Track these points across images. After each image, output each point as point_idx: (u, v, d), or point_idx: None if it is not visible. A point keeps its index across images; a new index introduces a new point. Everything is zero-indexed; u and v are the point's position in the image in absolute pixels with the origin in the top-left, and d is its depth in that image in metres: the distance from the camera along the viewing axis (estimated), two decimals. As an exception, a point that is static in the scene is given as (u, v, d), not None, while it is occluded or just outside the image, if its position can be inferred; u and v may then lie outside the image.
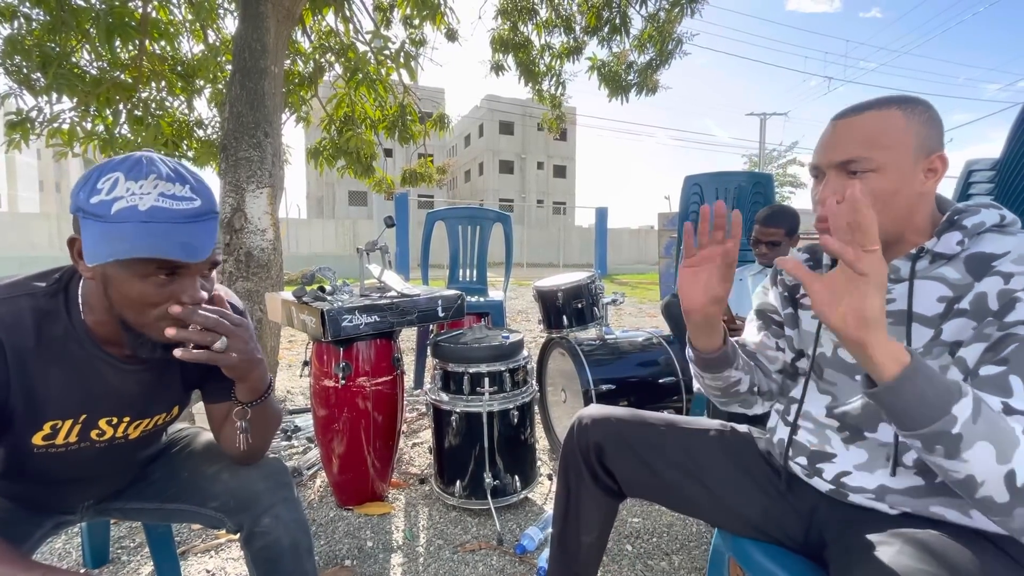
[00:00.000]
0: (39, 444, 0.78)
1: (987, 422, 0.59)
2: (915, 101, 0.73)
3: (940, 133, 0.73)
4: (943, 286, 0.71)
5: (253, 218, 2.49)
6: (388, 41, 3.35)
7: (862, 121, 0.73)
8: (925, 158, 0.72)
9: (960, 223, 0.72)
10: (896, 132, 0.71)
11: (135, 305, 0.71)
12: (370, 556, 1.51)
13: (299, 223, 17.31)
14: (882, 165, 0.71)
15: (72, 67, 3.12)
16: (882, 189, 0.71)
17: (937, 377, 0.60)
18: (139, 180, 0.68)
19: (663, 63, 4.56)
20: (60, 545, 1.55)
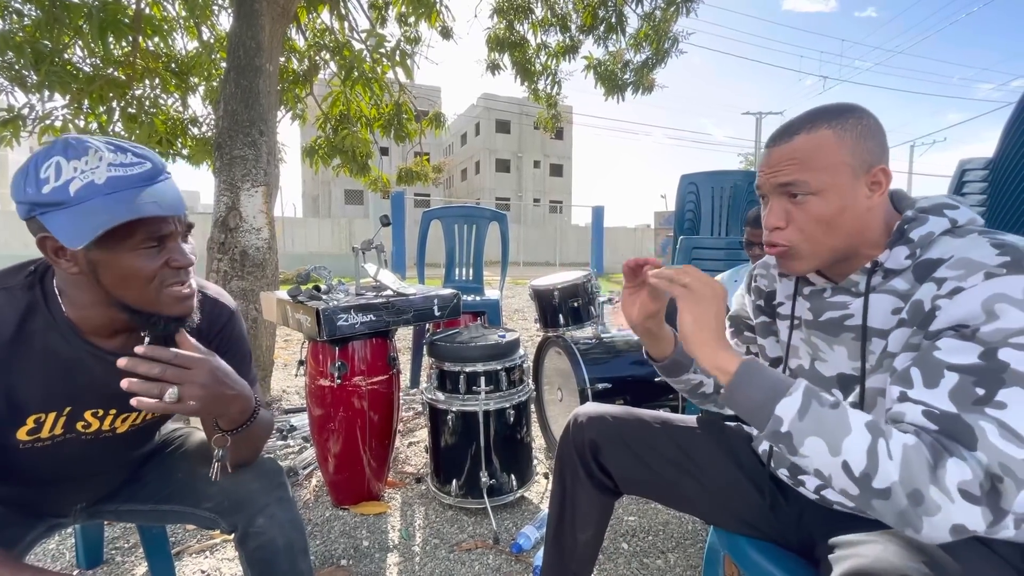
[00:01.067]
0: (24, 440, 0.78)
1: (814, 418, 0.61)
2: (847, 114, 0.71)
3: (879, 144, 0.71)
4: (894, 298, 0.71)
5: (248, 217, 2.48)
6: (383, 39, 3.35)
7: (794, 145, 0.72)
8: (866, 173, 0.70)
9: (908, 236, 0.70)
10: (829, 153, 0.70)
11: (133, 282, 0.71)
12: (366, 556, 1.51)
13: (295, 222, 17.25)
14: (820, 188, 0.70)
15: (65, 64, 3.10)
16: (825, 212, 0.71)
17: (767, 380, 0.66)
18: (81, 157, 0.67)
19: (659, 62, 4.57)
20: (54, 546, 1.53)
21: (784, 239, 0.74)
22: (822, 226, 0.71)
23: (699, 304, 0.73)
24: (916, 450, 0.57)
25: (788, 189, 0.72)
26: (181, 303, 0.76)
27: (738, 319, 1.02)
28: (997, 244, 0.62)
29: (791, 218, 0.73)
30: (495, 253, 3.41)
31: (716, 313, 0.73)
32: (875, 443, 0.58)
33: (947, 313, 0.61)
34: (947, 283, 0.63)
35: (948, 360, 0.59)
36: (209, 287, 0.95)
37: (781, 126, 0.76)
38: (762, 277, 0.96)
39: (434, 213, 3.20)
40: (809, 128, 0.71)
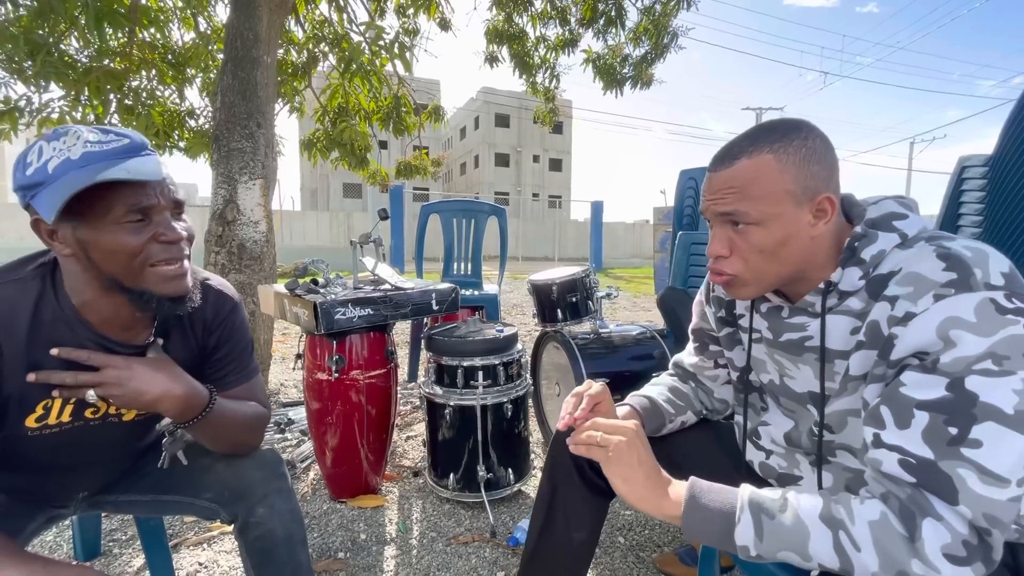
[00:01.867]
0: (32, 427, 0.78)
1: (772, 534, 0.61)
2: (790, 136, 0.67)
3: (826, 168, 0.67)
4: (851, 318, 0.69)
5: (246, 210, 2.47)
6: (382, 31, 3.32)
7: (734, 172, 0.69)
8: (809, 201, 0.66)
9: (859, 256, 0.67)
10: (770, 181, 0.66)
11: (120, 259, 0.71)
12: (363, 548, 1.51)
13: (293, 215, 17.21)
14: (762, 218, 0.67)
15: (61, 55, 3.07)
16: (767, 242, 0.68)
17: (713, 512, 0.65)
18: (60, 138, 0.69)
19: (658, 56, 4.55)
20: (51, 538, 1.54)
21: (728, 268, 0.72)
22: (765, 256, 0.69)
23: (620, 462, 0.73)
24: (884, 527, 0.56)
25: (729, 218, 0.70)
26: (172, 281, 0.75)
27: (701, 332, 1.00)
28: (942, 255, 0.60)
29: (734, 246, 0.71)
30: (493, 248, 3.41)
31: (639, 461, 0.73)
32: (837, 538, 0.58)
33: (904, 342, 0.59)
34: (899, 303, 0.61)
35: (916, 397, 0.57)
36: (213, 278, 0.95)
37: (723, 148, 0.72)
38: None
39: (433, 207, 3.19)
40: (751, 152, 0.68)
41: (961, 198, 1.60)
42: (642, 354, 2.05)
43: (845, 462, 0.75)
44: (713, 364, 1.00)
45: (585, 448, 0.77)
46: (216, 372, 0.93)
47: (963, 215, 1.60)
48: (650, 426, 0.93)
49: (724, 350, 0.95)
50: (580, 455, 0.78)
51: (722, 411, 1.03)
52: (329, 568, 1.41)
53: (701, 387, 1.02)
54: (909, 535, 0.54)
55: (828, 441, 0.76)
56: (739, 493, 0.66)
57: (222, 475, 0.92)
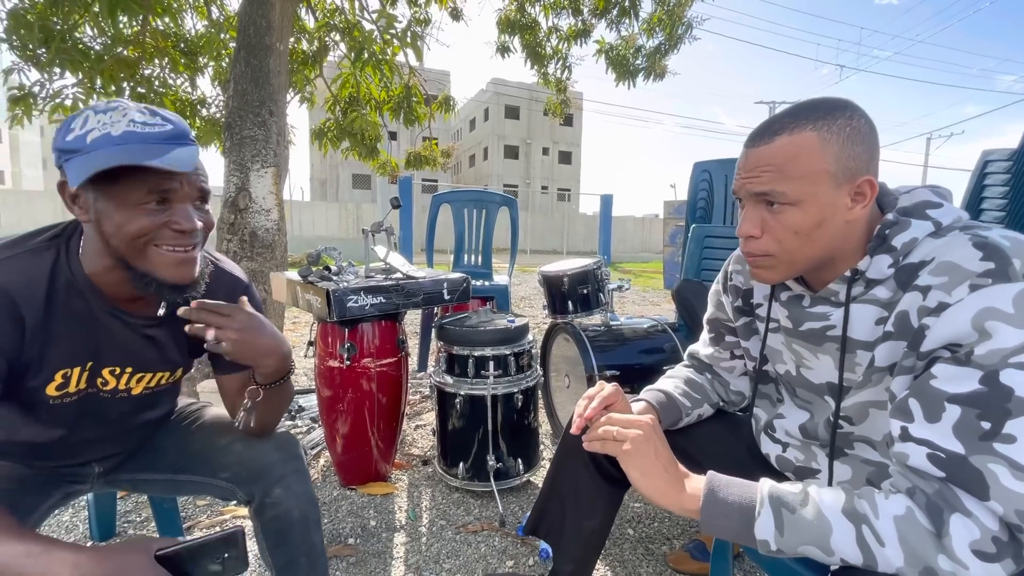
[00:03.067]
0: (53, 395, 0.79)
1: (793, 528, 0.60)
2: (835, 113, 0.64)
3: (869, 149, 0.65)
4: (877, 308, 0.67)
5: (258, 198, 2.48)
6: (394, 20, 3.31)
7: (773, 150, 0.66)
8: (849, 183, 0.64)
9: (890, 243, 0.65)
10: (811, 160, 0.64)
11: (129, 238, 0.71)
12: (373, 535, 1.53)
13: (302, 205, 17.28)
14: (799, 199, 0.65)
15: (75, 42, 3.08)
16: (802, 223, 0.66)
17: (733, 506, 0.65)
18: (108, 112, 0.70)
19: (672, 48, 4.49)
20: (67, 518, 1.56)
21: (759, 249, 0.70)
22: (799, 237, 0.67)
23: (638, 455, 0.72)
24: (909, 522, 0.55)
25: (765, 198, 0.68)
26: (176, 268, 0.75)
27: (717, 322, 0.99)
28: (979, 244, 0.58)
29: (766, 227, 0.69)
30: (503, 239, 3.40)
31: (656, 453, 0.73)
32: (860, 533, 0.57)
33: (936, 332, 0.57)
34: (931, 293, 0.58)
35: (948, 390, 0.55)
36: (225, 260, 0.96)
37: (762, 124, 0.70)
38: (737, 274, 0.92)
39: (444, 197, 3.18)
40: (792, 128, 0.65)
41: (983, 192, 1.57)
42: (653, 347, 2.04)
43: (864, 454, 0.74)
44: (729, 355, 0.99)
45: (600, 444, 0.77)
46: None
47: (985, 210, 1.57)
48: (666, 420, 0.92)
49: (741, 340, 0.94)
50: (596, 451, 0.78)
51: (738, 403, 1.02)
52: (339, 554, 1.43)
53: (717, 378, 1.02)
54: (936, 531, 0.53)
55: (847, 433, 0.75)
56: (758, 487, 0.65)
57: (240, 455, 0.93)
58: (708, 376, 1.02)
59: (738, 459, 0.93)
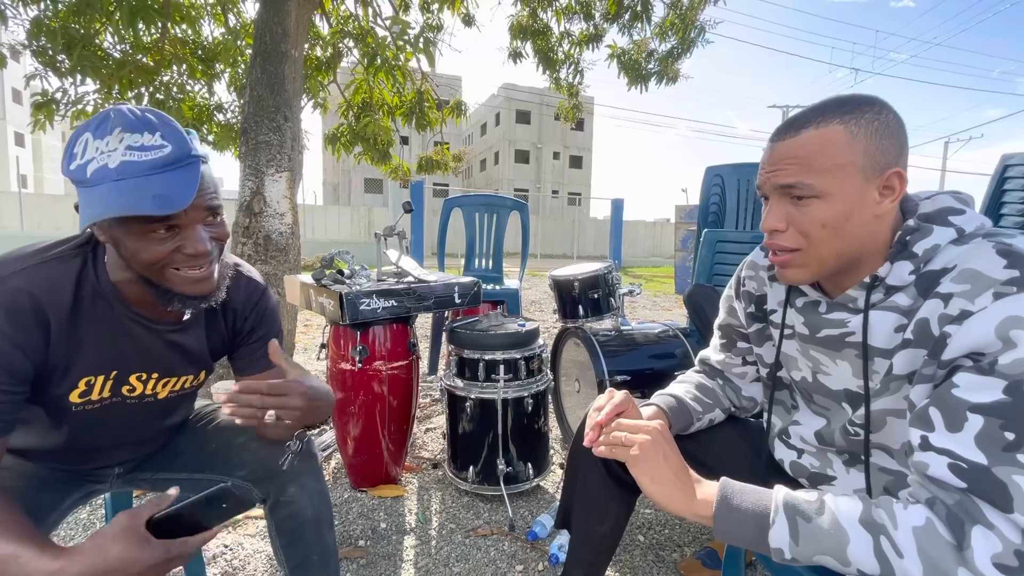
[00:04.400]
0: (76, 401, 0.80)
1: (808, 537, 0.60)
2: (862, 108, 0.64)
3: (897, 143, 0.64)
4: (897, 315, 0.66)
5: (272, 202, 2.51)
6: (407, 26, 3.34)
7: (799, 142, 0.65)
8: (878, 176, 0.63)
9: (911, 250, 0.64)
10: (838, 153, 0.63)
11: (145, 263, 0.72)
12: (383, 538, 1.53)
13: (315, 209, 17.45)
14: (825, 191, 0.64)
15: (96, 49, 3.16)
16: (829, 217, 0.65)
17: (746, 513, 0.64)
18: (104, 137, 0.68)
19: (684, 52, 4.48)
20: (85, 516, 1.59)
21: (785, 243, 0.69)
22: (827, 231, 0.66)
23: (647, 460, 0.71)
24: (929, 533, 0.54)
25: (790, 191, 0.66)
26: (194, 284, 0.76)
27: (729, 328, 0.98)
28: (1003, 251, 0.57)
29: (792, 221, 0.68)
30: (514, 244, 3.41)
31: (665, 458, 0.72)
32: (878, 544, 0.56)
33: (958, 341, 0.56)
34: (953, 300, 0.57)
35: (970, 399, 0.54)
36: (243, 264, 0.97)
37: (788, 118, 0.69)
38: (751, 280, 0.91)
39: (455, 201, 3.20)
40: (818, 122, 0.64)
41: (1003, 197, 1.55)
42: (664, 352, 2.02)
43: (881, 462, 0.73)
44: (741, 361, 0.98)
45: (609, 449, 0.76)
46: (253, 354, 0.97)
47: (1005, 215, 1.54)
48: (677, 425, 0.92)
49: (753, 346, 0.93)
50: (605, 456, 0.78)
51: (751, 409, 1.02)
52: (350, 555, 1.43)
53: (729, 384, 1.01)
54: (957, 543, 0.52)
55: (861, 442, 0.74)
56: (773, 495, 0.64)
57: (257, 454, 0.95)
58: (719, 382, 1.01)
59: (751, 465, 0.92)
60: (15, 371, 0.70)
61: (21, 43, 3.07)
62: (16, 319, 0.69)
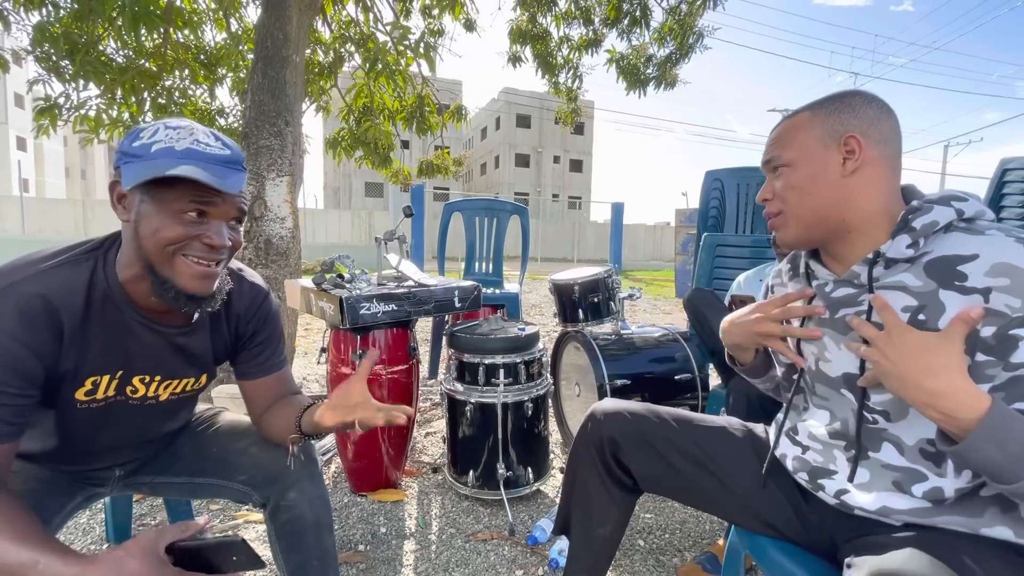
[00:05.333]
0: (81, 399, 0.81)
1: None
2: (835, 99, 0.76)
3: (859, 117, 0.74)
4: (905, 295, 0.69)
5: (273, 206, 2.52)
6: (408, 31, 3.36)
7: (778, 131, 0.81)
8: (837, 141, 0.74)
9: (910, 224, 0.69)
10: (799, 130, 0.78)
11: (163, 243, 0.74)
12: (383, 542, 1.53)
13: (315, 213, 17.46)
14: (791, 160, 0.78)
15: (99, 55, 3.17)
16: (796, 179, 0.77)
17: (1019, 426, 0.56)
18: (178, 129, 0.75)
19: (683, 57, 4.49)
20: (85, 520, 1.59)
21: (770, 209, 0.82)
22: (796, 192, 0.77)
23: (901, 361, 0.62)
24: None
25: (769, 165, 0.82)
26: (197, 280, 0.77)
27: None
28: None
29: (775, 191, 0.81)
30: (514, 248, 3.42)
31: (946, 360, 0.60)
32: None
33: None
34: (996, 296, 0.61)
35: None
36: (247, 270, 0.98)
37: None
38: (779, 286, 0.95)
39: (455, 205, 3.21)
40: (794, 113, 0.80)
41: (1002, 201, 1.55)
42: (664, 356, 2.03)
43: (887, 459, 0.73)
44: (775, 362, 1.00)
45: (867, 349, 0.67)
46: (256, 357, 0.97)
47: (1004, 218, 1.55)
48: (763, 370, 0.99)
49: None
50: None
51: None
52: (350, 560, 1.43)
53: None
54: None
55: (880, 430, 0.74)
56: None
57: (257, 458, 0.95)
58: None
59: (749, 468, 0.92)
60: (27, 375, 0.70)
61: (24, 48, 3.09)
62: (30, 323, 0.70)
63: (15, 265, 0.73)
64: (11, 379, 0.68)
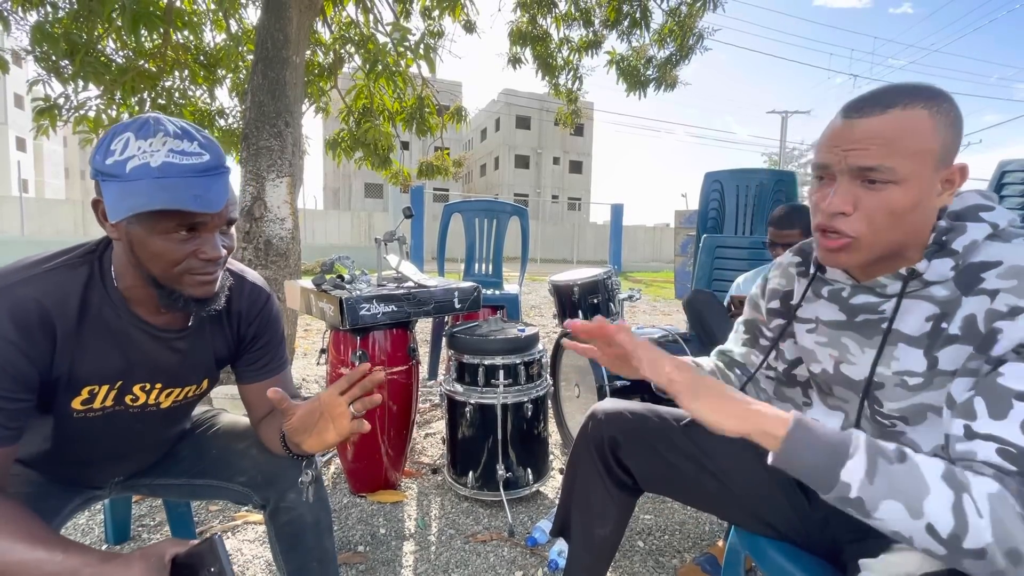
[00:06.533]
0: (78, 409, 0.80)
1: (885, 478, 0.56)
2: (941, 97, 0.64)
3: (961, 137, 0.65)
4: (930, 304, 0.67)
5: (273, 207, 2.52)
6: (408, 32, 3.36)
7: (886, 122, 0.62)
8: (946, 168, 0.64)
9: (950, 247, 0.65)
10: (924, 138, 0.62)
11: (159, 262, 0.73)
12: (383, 543, 1.53)
13: (315, 214, 17.46)
14: (905, 176, 0.62)
15: (98, 55, 3.17)
16: (901, 204, 0.63)
17: (822, 441, 0.59)
18: (148, 139, 0.70)
19: (683, 58, 4.50)
20: (84, 521, 1.59)
21: (849, 228, 0.66)
22: (893, 219, 0.64)
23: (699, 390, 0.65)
24: (1003, 502, 0.53)
25: (868, 175, 0.63)
26: (202, 286, 0.78)
27: (753, 324, 0.99)
28: None
29: (860, 204, 0.65)
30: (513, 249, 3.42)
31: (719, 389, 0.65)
32: (959, 499, 0.54)
33: (1009, 336, 0.58)
34: (1000, 297, 0.59)
35: (1016, 387, 0.56)
36: (248, 272, 0.98)
37: (865, 95, 0.66)
38: (777, 277, 0.93)
39: (455, 207, 3.21)
40: (905, 104, 0.62)
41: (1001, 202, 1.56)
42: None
43: None
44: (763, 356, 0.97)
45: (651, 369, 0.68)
46: (257, 361, 0.97)
47: (1002, 220, 1.55)
48: None
49: (775, 343, 0.93)
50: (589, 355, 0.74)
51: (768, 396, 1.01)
52: (349, 561, 1.43)
53: (746, 374, 1.00)
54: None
55: (899, 433, 0.73)
56: (852, 433, 0.60)
57: (256, 460, 0.95)
58: (737, 372, 1.01)
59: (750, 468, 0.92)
60: (22, 379, 0.70)
61: (24, 48, 3.09)
62: (23, 327, 0.69)
63: (9, 269, 0.72)
64: (5, 383, 0.68)
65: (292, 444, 0.86)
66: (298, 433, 0.83)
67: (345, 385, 0.79)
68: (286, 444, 0.88)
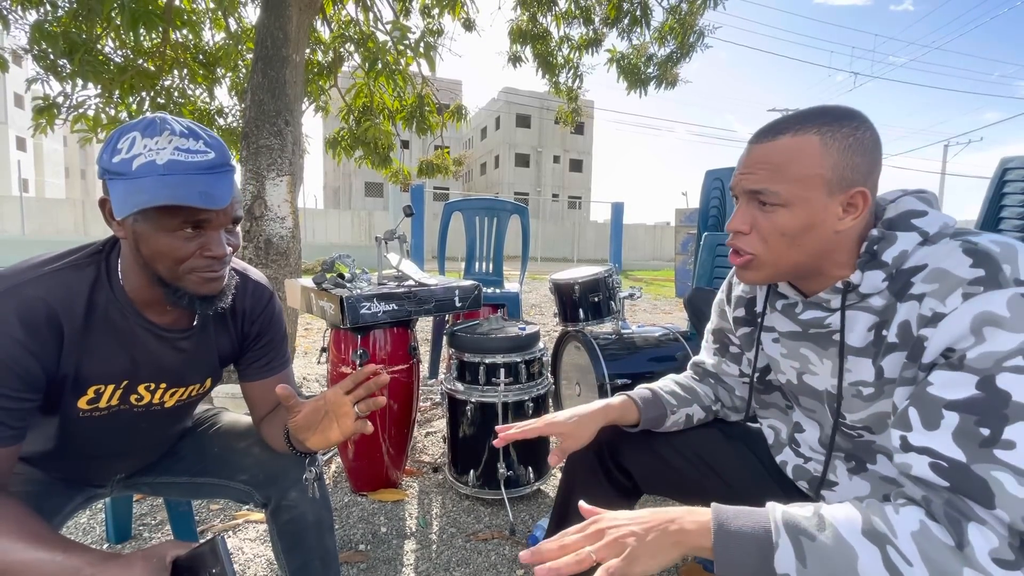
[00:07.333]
0: (84, 408, 0.80)
1: (816, 558, 0.55)
2: (842, 121, 0.64)
3: (869, 161, 0.65)
4: (869, 314, 0.67)
5: (273, 206, 2.52)
6: (408, 31, 3.35)
7: (774, 148, 0.66)
8: (843, 192, 0.64)
9: (880, 259, 0.65)
10: (809, 163, 0.64)
11: (165, 260, 0.73)
12: (384, 542, 1.53)
13: (315, 213, 17.47)
14: (790, 200, 0.65)
15: (97, 54, 3.17)
16: (790, 226, 0.66)
17: (746, 538, 0.58)
18: (154, 137, 0.70)
19: (684, 56, 4.50)
20: (85, 520, 1.59)
21: (748, 247, 0.71)
22: (785, 239, 0.67)
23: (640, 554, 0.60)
24: (927, 537, 0.52)
25: (759, 196, 0.68)
26: (208, 284, 0.78)
27: (721, 333, 0.98)
28: (969, 250, 0.58)
29: (755, 224, 0.69)
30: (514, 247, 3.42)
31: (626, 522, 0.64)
32: (886, 555, 0.53)
33: (935, 343, 0.58)
34: (926, 301, 0.59)
35: (945, 396, 0.55)
36: (250, 269, 0.98)
37: (770, 122, 0.70)
38: (742, 284, 0.92)
39: (455, 205, 3.21)
40: (796, 130, 0.65)
41: (1003, 200, 1.55)
42: (664, 355, 2.02)
43: (884, 471, 0.73)
44: (735, 364, 0.98)
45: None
46: (260, 359, 0.97)
47: (1004, 218, 1.55)
48: (647, 415, 0.93)
49: (744, 351, 0.93)
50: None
51: (742, 409, 1.01)
52: (350, 560, 1.43)
53: (722, 384, 1.01)
54: (956, 542, 0.52)
55: (868, 442, 0.74)
56: (769, 513, 0.60)
57: (258, 458, 0.95)
58: (711, 382, 1.01)
59: (753, 470, 0.92)
60: (29, 378, 0.70)
61: (23, 47, 3.09)
62: (31, 327, 0.69)
63: (16, 269, 0.72)
64: (11, 382, 0.68)
65: (296, 441, 0.87)
66: (302, 430, 0.83)
67: (351, 385, 0.79)
68: (290, 441, 0.88)
